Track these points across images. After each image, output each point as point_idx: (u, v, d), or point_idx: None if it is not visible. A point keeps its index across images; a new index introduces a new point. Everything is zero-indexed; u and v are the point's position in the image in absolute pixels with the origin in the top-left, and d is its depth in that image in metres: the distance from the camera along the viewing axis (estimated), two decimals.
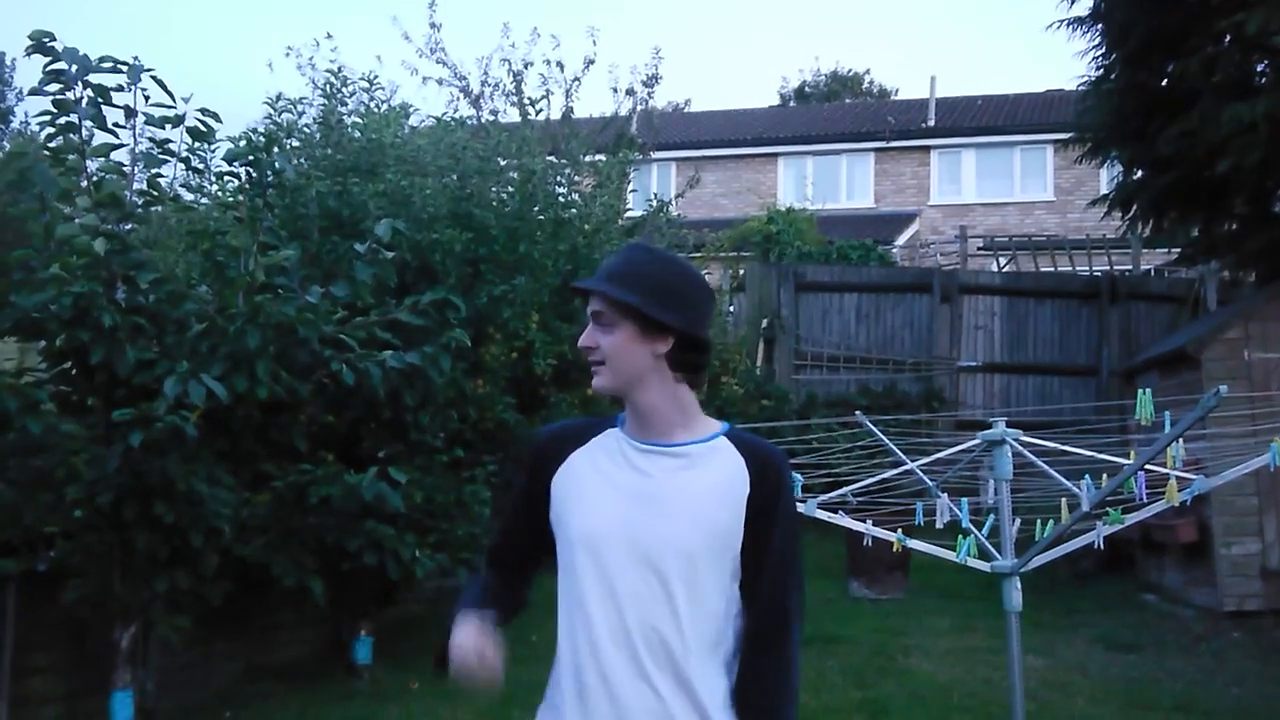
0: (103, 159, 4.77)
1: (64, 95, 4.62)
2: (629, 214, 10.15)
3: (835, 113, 25.83)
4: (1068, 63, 60.65)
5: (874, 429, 4.95)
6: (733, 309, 12.92)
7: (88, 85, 4.63)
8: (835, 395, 11.66)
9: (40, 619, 5.00)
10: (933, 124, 22.28)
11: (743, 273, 13.29)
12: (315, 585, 5.53)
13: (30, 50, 4.53)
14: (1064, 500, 4.07)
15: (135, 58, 4.74)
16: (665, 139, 18.99)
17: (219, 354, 4.81)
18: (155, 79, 4.75)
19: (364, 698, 5.92)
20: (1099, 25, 9.53)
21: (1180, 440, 3.47)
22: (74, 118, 4.65)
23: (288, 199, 6.71)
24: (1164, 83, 9.07)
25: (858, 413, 5.36)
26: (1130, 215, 10.11)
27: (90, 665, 5.06)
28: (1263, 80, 8.37)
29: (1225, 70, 8.15)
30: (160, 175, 4.97)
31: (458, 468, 6.54)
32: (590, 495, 1.91)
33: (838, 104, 29.89)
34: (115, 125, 4.77)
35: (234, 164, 5.52)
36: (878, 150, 22.18)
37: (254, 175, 5.43)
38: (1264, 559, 7.57)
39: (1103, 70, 9.67)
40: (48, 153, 4.76)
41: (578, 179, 8.95)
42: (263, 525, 5.50)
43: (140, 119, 4.81)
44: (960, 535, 4.30)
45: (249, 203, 5.31)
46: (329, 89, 8.12)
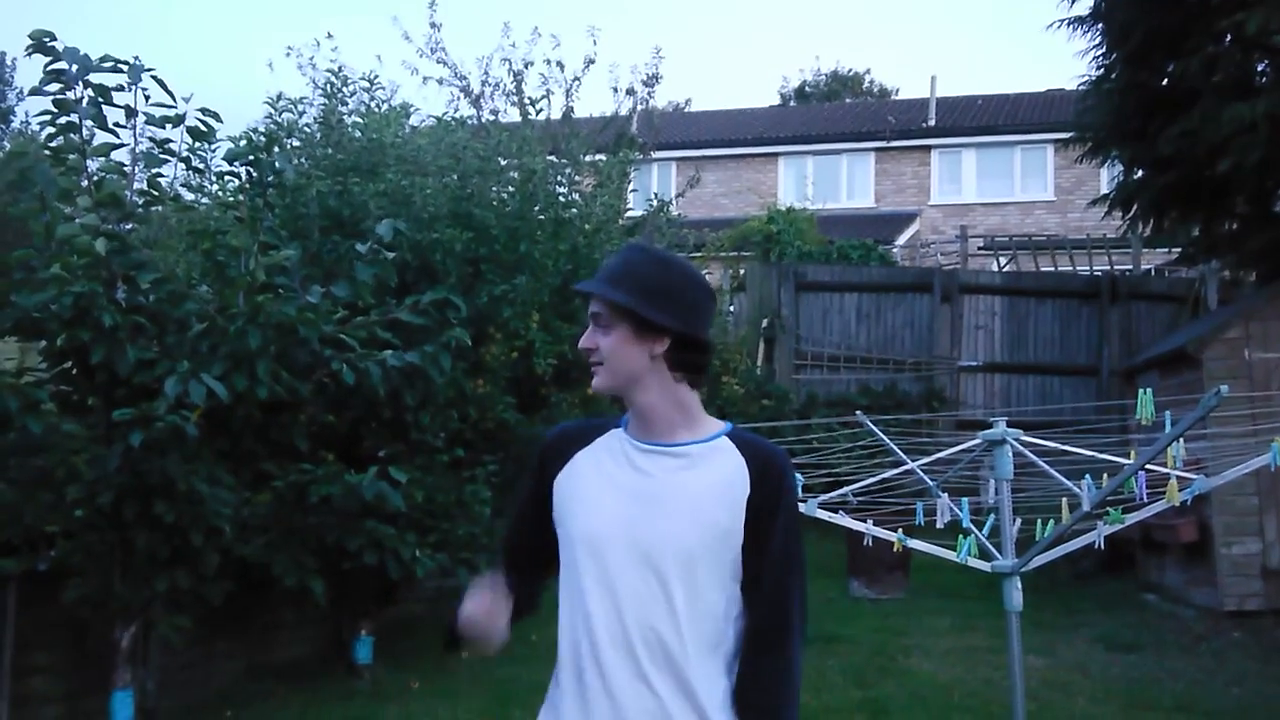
0: (103, 159, 4.76)
1: (64, 95, 4.62)
2: (629, 214, 10.13)
3: (836, 112, 25.83)
4: (1068, 62, 60.72)
5: (874, 429, 4.96)
6: (733, 309, 12.92)
7: (88, 85, 4.62)
8: (836, 395, 11.66)
9: (41, 618, 5.00)
10: (933, 124, 22.28)
11: (743, 272, 13.28)
12: (316, 585, 5.53)
13: (31, 50, 4.53)
14: (1064, 500, 4.07)
15: (136, 57, 4.74)
16: (666, 139, 18.99)
17: (219, 354, 4.81)
18: (156, 79, 4.75)
19: (364, 697, 5.92)
20: (1099, 25, 9.54)
21: (1181, 440, 3.47)
22: (74, 117, 4.64)
23: (288, 199, 6.71)
24: (1164, 82, 9.08)
25: (858, 412, 5.36)
26: (1131, 215, 10.11)
27: (91, 665, 5.06)
28: (1263, 80, 8.37)
29: (1226, 70, 8.15)
30: (161, 175, 4.97)
31: (458, 467, 6.54)
32: (591, 495, 1.91)
33: (838, 104, 29.89)
34: (116, 125, 4.77)
35: (234, 164, 5.51)
36: (878, 150, 22.19)
37: (254, 175, 5.43)
38: (1264, 558, 7.57)
39: (1103, 70, 9.68)
40: (48, 152, 4.76)
41: (578, 179, 8.94)
42: (263, 525, 5.50)
43: (141, 119, 4.81)
44: (961, 535, 4.30)
45: (249, 202, 5.30)
46: (329, 89, 8.11)
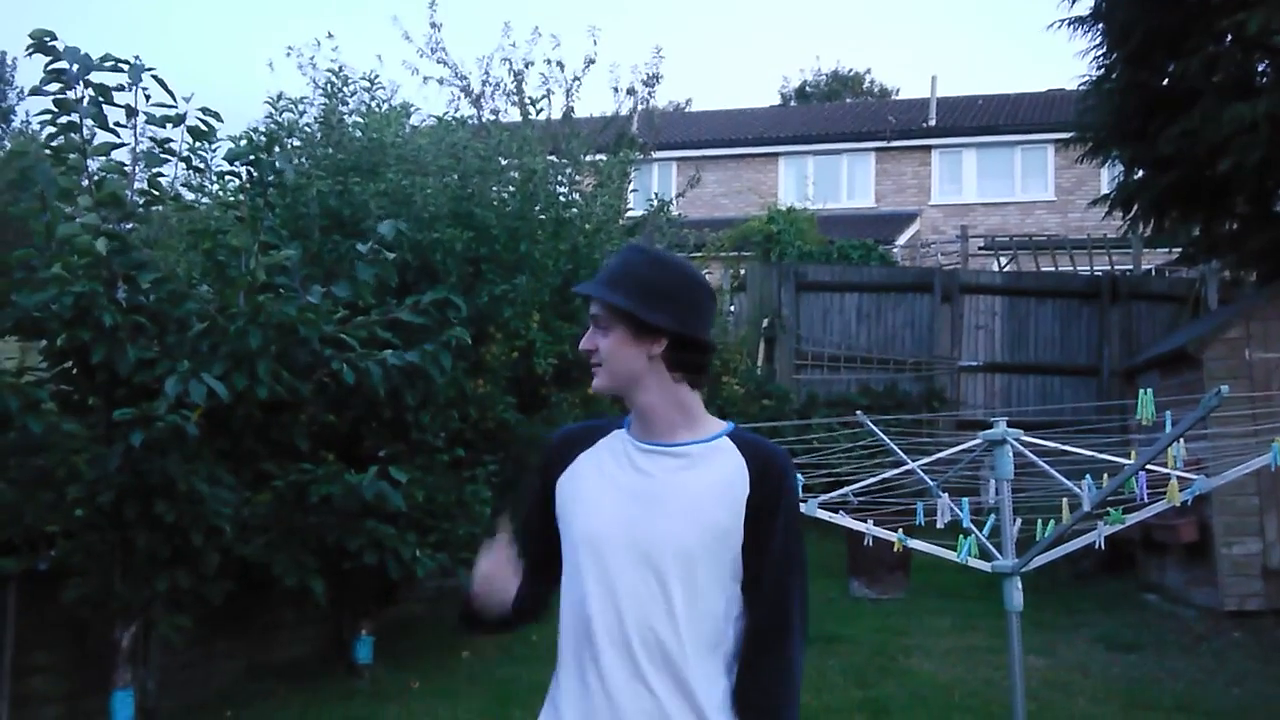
0: (104, 158, 4.76)
1: (65, 94, 4.62)
2: (630, 213, 10.13)
3: (836, 112, 25.83)
4: (1069, 62, 60.78)
5: (875, 429, 4.96)
6: (733, 309, 12.91)
7: (89, 84, 4.63)
8: (836, 395, 11.66)
9: (41, 618, 5.00)
10: (934, 123, 22.28)
11: (743, 272, 13.28)
12: (316, 584, 5.53)
13: (31, 50, 4.53)
14: (1065, 500, 4.07)
15: (136, 57, 4.74)
16: (666, 138, 18.99)
17: (220, 353, 4.81)
18: (156, 78, 4.75)
19: (365, 697, 5.92)
20: (1100, 25, 9.53)
21: (1181, 440, 3.47)
22: (75, 117, 4.64)
23: (289, 198, 6.71)
24: (1165, 82, 9.08)
25: (859, 412, 5.36)
26: (1131, 215, 10.11)
27: (91, 664, 5.06)
28: (1264, 80, 8.37)
29: (1226, 70, 8.16)
30: (161, 174, 4.97)
31: (458, 467, 6.54)
32: (593, 496, 1.91)
33: (838, 104, 29.90)
34: (116, 124, 4.77)
35: (235, 163, 5.51)
36: (878, 150, 22.19)
37: (255, 175, 5.42)
38: (1265, 558, 7.57)
39: (1104, 70, 9.67)
40: (49, 152, 4.76)
41: (579, 178, 8.94)
42: (263, 524, 5.50)
43: (141, 118, 4.81)
44: (961, 535, 4.30)
45: (250, 202, 5.30)
46: (330, 88, 8.11)
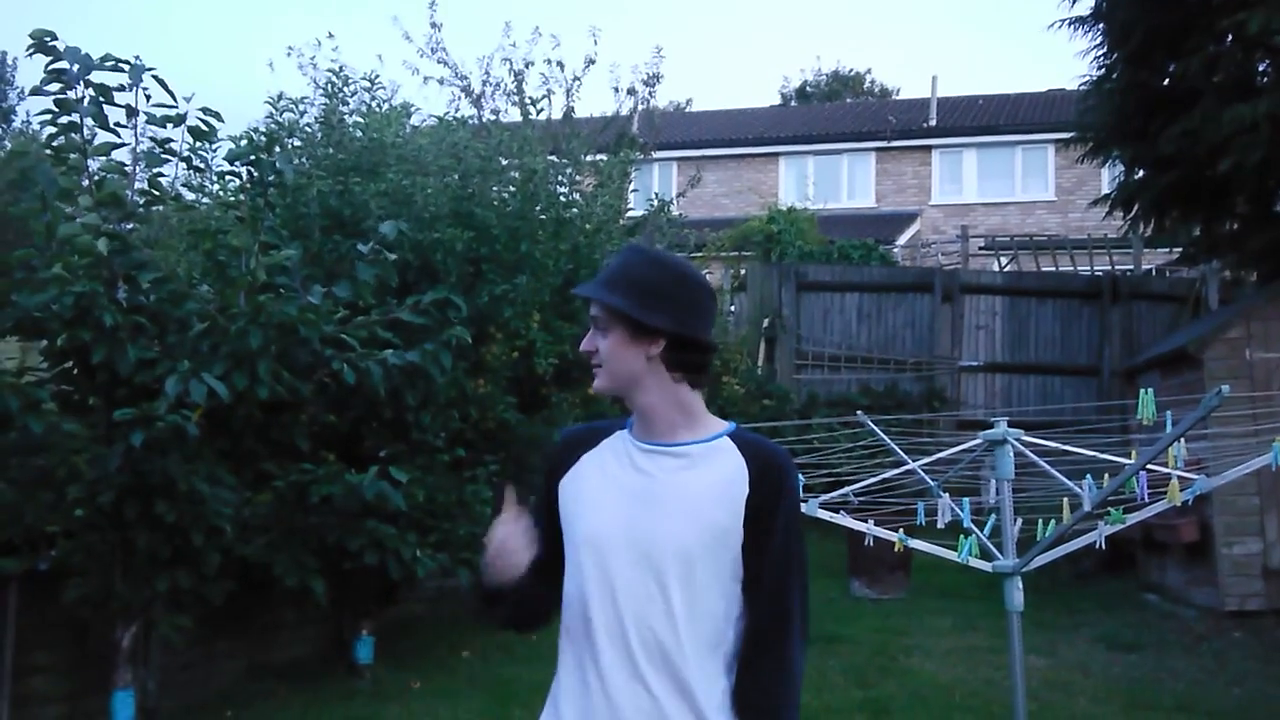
0: (104, 158, 4.76)
1: (65, 94, 4.62)
2: (630, 213, 10.13)
3: (836, 112, 25.84)
4: (1069, 62, 60.82)
5: (875, 429, 4.96)
6: (734, 308, 12.91)
7: (89, 84, 4.62)
8: (836, 395, 11.66)
9: (41, 618, 5.00)
10: (934, 123, 22.28)
11: (744, 272, 13.28)
12: (317, 585, 5.53)
13: (32, 50, 4.53)
14: (1065, 500, 4.07)
15: (137, 57, 4.74)
16: (666, 138, 18.99)
17: (220, 353, 4.81)
18: (156, 78, 4.75)
19: (365, 697, 5.92)
20: (1100, 25, 9.54)
21: (1182, 440, 3.47)
22: (75, 117, 4.64)
23: (289, 198, 6.71)
24: (1165, 82, 9.08)
25: (859, 412, 5.36)
26: (1132, 215, 10.10)
27: (91, 664, 5.06)
28: (1264, 80, 8.36)
29: (1227, 70, 8.15)
30: (162, 174, 4.97)
31: (459, 467, 6.54)
32: (594, 496, 1.92)
33: (839, 103, 29.90)
34: (117, 124, 4.77)
35: (235, 163, 5.51)
36: (879, 150, 22.19)
37: (255, 175, 5.42)
38: (1265, 558, 7.57)
39: (1104, 70, 9.67)
40: (49, 152, 4.76)
41: (579, 178, 8.93)
42: (264, 524, 5.50)
43: (142, 118, 4.81)
44: (962, 535, 4.31)
45: (250, 202, 5.30)
46: (330, 88, 8.10)
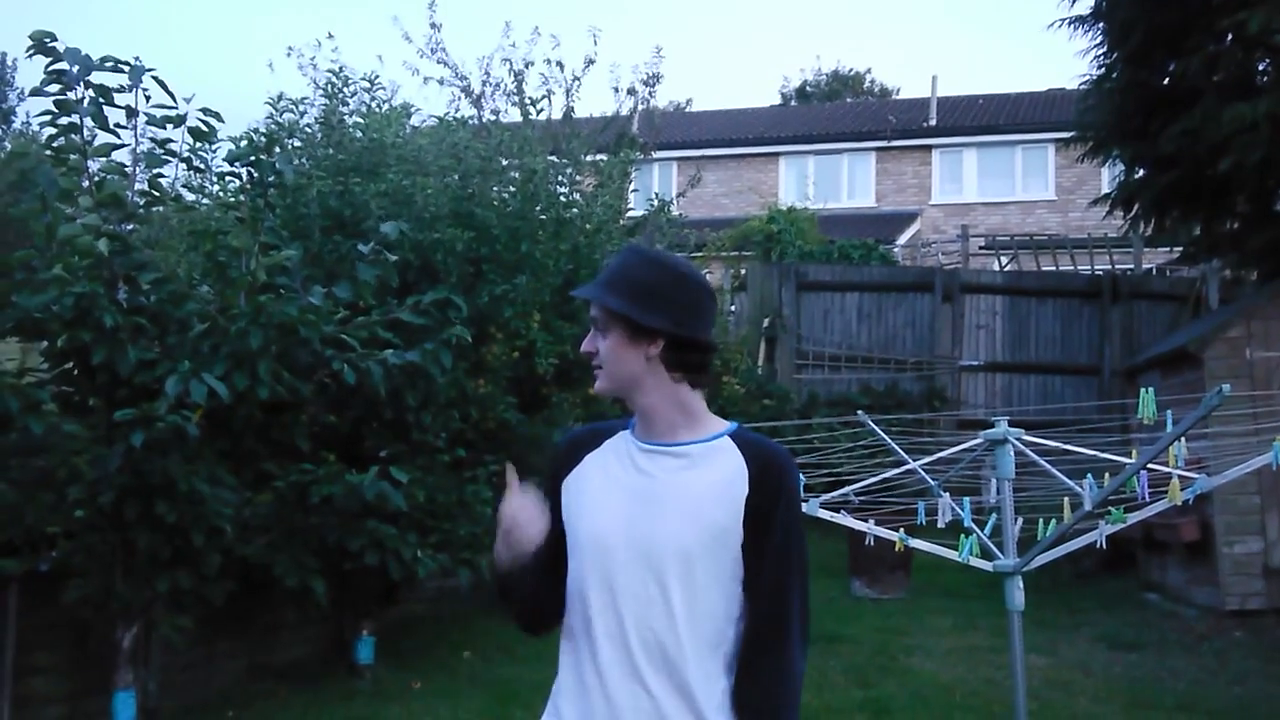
0: (104, 159, 4.76)
1: (65, 95, 4.62)
2: (630, 213, 10.13)
3: (836, 112, 25.84)
4: (1069, 61, 60.83)
5: (876, 428, 4.96)
6: (734, 308, 12.91)
7: (89, 85, 4.62)
8: (837, 394, 11.66)
9: (42, 619, 4.99)
10: (934, 123, 22.28)
11: (744, 272, 13.28)
12: (317, 585, 5.53)
13: (32, 51, 4.53)
14: (1066, 499, 4.07)
15: (136, 58, 4.74)
16: (666, 138, 18.99)
17: (221, 354, 4.80)
18: (156, 79, 4.75)
19: (366, 697, 5.92)
20: (1100, 24, 9.53)
21: (1182, 439, 3.47)
22: (75, 118, 4.64)
23: (289, 199, 6.71)
24: (1165, 81, 9.07)
25: (860, 412, 5.36)
26: (1132, 214, 10.10)
27: (92, 665, 5.06)
28: (1264, 79, 8.36)
29: (1227, 69, 8.15)
30: (162, 175, 4.97)
31: (459, 468, 6.54)
32: (596, 496, 1.92)
33: (839, 103, 29.90)
34: (117, 125, 4.77)
35: (235, 164, 5.51)
36: (879, 149, 22.19)
37: (255, 175, 5.43)
38: (1266, 558, 7.57)
39: (1104, 69, 9.67)
40: (50, 153, 4.76)
41: (579, 178, 8.93)
42: (265, 525, 5.50)
43: (142, 119, 4.81)
44: (962, 534, 4.31)
45: (250, 203, 5.30)
46: (330, 89, 8.11)
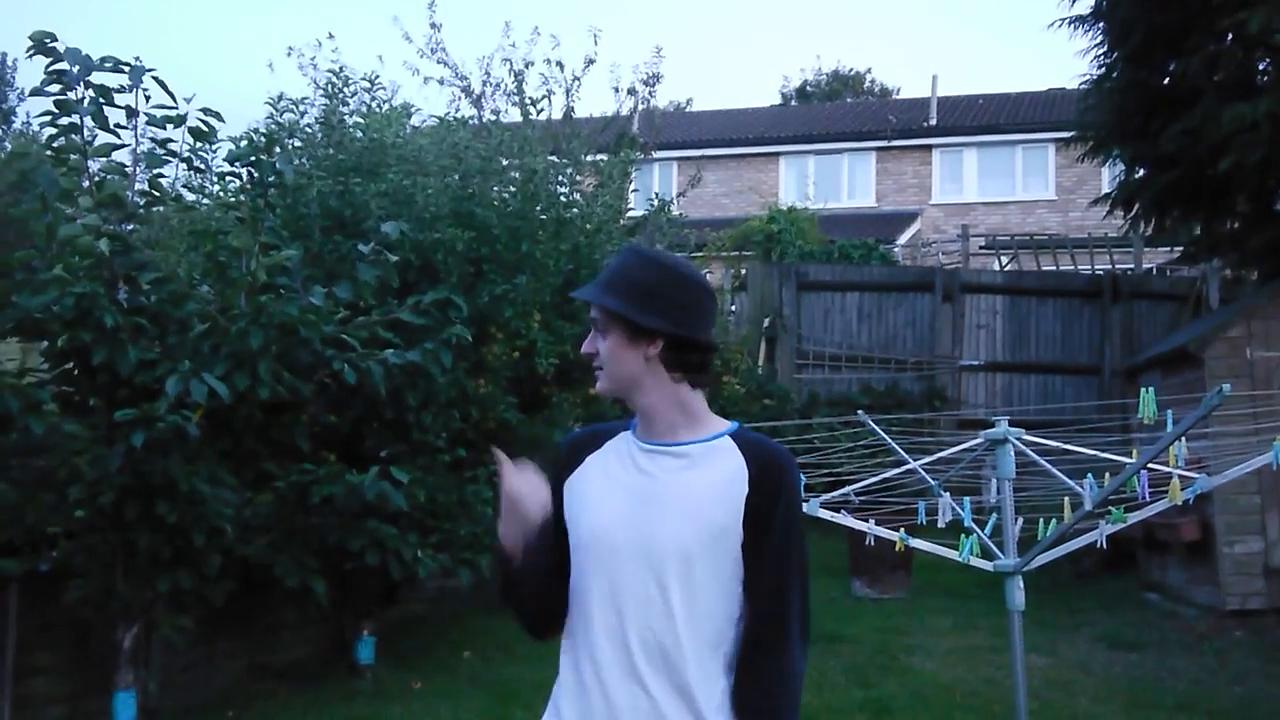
0: (105, 159, 4.77)
1: (66, 96, 4.62)
2: (630, 213, 10.12)
3: (837, 112, 25.84)
4: (1069, 61, 60.84)
5: (876, 428, 4.96)
6: (734, 308, 12.91)
7: (89, 86, 4.63)
8: (837, 394, 11.66)
9: (43, 619, 5.00)
10: (934, 123, 22.28)
11: (744, 272, 13.28)
12: (318, 585, 5.53)
13: (32, 51, 4.53)
14: (1066, 499, 4.07)
15: (137, 58, 4.74)
16: (667, 138, 18.98)
17: (221, 354, 4.81)
18: (156, 79, 4.75)
19: (366, 697, 5.92)
20: (1100, 23, 9.53)
21: (1183, 439, 3.46)
22: (76, 118, 4.64)
23: (289, 199, 6.71)
24: (1166, 81, 9.07)
25: (860, 412, 5.36)
26: (1132, 214, 10.10)
27: (93, 665, 5.06)
28: (1265, 79, 8.36)
29: (1227, 69, 8.15)
30: (162, 175, 4.98)
31: (460, 468, 6.54)
32: (597, 497, 1.92)
33: (839, 103, 29.90)
34: (117, 125, 4.77)
35: (236, 164, 5.51)
36: (879, 149, 22.19)
37: (256, 175, 5.43)
38: (1267, 557, 7.56)
39: (1104, 68, 9.67)
40: (50, 153, 4.76)
41: (579, 178, 8.93)
42: (265, 525, 5.50)
43: (142, 119, 4.81)
44: (963, 534, 4.30)
45: (251, 203, 5.30)
46: (330, 89, 8.11)
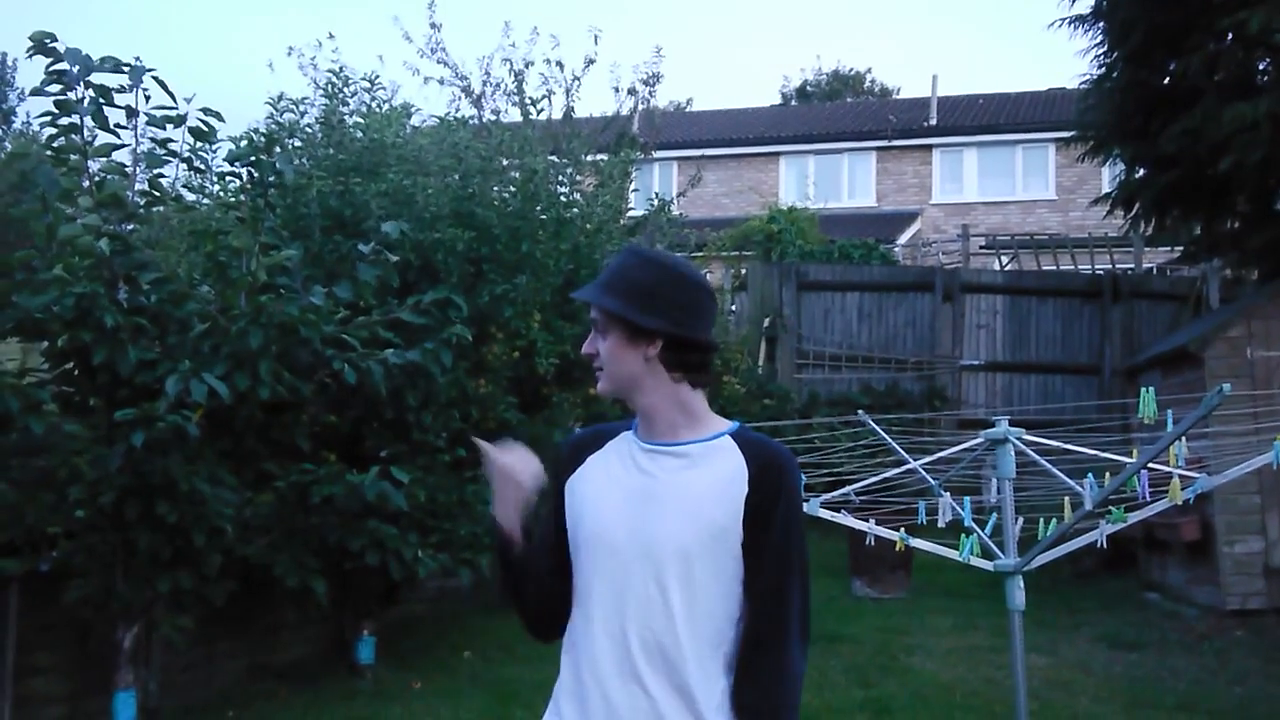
0: (105, 159, 4.77)
1: (66, 96, 4.62)
2: (631, 213, 10.12)
3: (837, 112, 25.84)
4: (1069, 61, 60.82)
5: (876, 428, 4.96)
6: (735, 308, 12.91)
7: (89, 86, 4.63)
8: (837, 394, 11.66)
9: (43, 619, 5.00)
10: (934, 123, 22.28)
11: (744, 272, 13.28)
12: (318, 585, 5.53)
13: (32, 51, 4.53)
14: (1067, 499, 4.07)
15: (137, 58, 4.74)
16: (667, 138, 18.98)
17: (221, 354, 4.81)
18: (156, 79, 4.75)
19: (367, 697, 5.92)
20: (1101, 23, 9.53)
21: (1183, 439, 3.46)
22: (76, 118, 4.64)
23: (290, 199, 6.71)
24: (1166, 81, 9.07)
25: (860, 412, 5.36)
26: (1132, 213, 10.10)
27: (93, 665, 5.06)
28: (1265, 79, 8.36)
29: (1227, 68, 8.15)
30: (162, 175, 4.98)
31: (460, 467, 6.54)
32: (598, 496, 1.92)
33: (839, 103, 29.90)
34: (117, 125, 4.77)
35: (236, 164, 5.51)
36: (879, 149, 22.19)
37: (256, 175, 5.43)
38: (1267, 557, 7.56)
39: (1104, 68, 9.67)
40: (50, 153, 4.76)
41: (579, 178, 8.93)
42: (265, 525, 5.50)
43: (142, 119, 4.81)
44: (963, 534, 4.30)
45: (251, 203, 5.30)
46: (330, 89, 8.11)
